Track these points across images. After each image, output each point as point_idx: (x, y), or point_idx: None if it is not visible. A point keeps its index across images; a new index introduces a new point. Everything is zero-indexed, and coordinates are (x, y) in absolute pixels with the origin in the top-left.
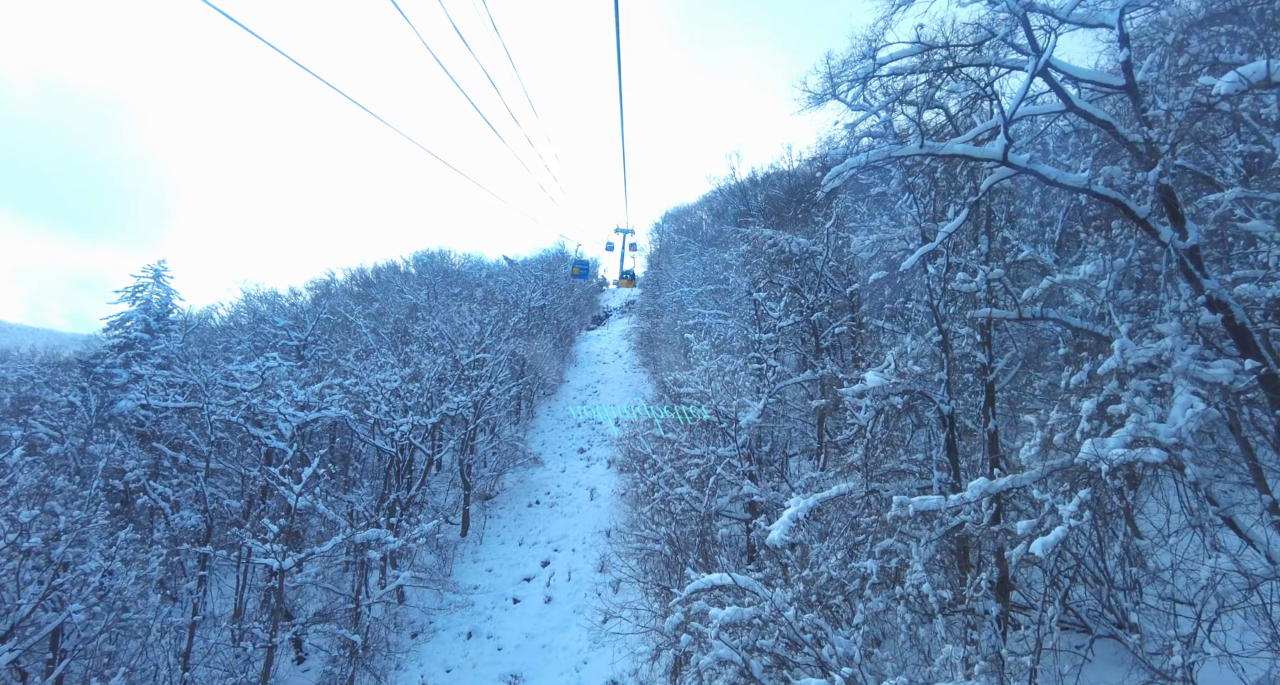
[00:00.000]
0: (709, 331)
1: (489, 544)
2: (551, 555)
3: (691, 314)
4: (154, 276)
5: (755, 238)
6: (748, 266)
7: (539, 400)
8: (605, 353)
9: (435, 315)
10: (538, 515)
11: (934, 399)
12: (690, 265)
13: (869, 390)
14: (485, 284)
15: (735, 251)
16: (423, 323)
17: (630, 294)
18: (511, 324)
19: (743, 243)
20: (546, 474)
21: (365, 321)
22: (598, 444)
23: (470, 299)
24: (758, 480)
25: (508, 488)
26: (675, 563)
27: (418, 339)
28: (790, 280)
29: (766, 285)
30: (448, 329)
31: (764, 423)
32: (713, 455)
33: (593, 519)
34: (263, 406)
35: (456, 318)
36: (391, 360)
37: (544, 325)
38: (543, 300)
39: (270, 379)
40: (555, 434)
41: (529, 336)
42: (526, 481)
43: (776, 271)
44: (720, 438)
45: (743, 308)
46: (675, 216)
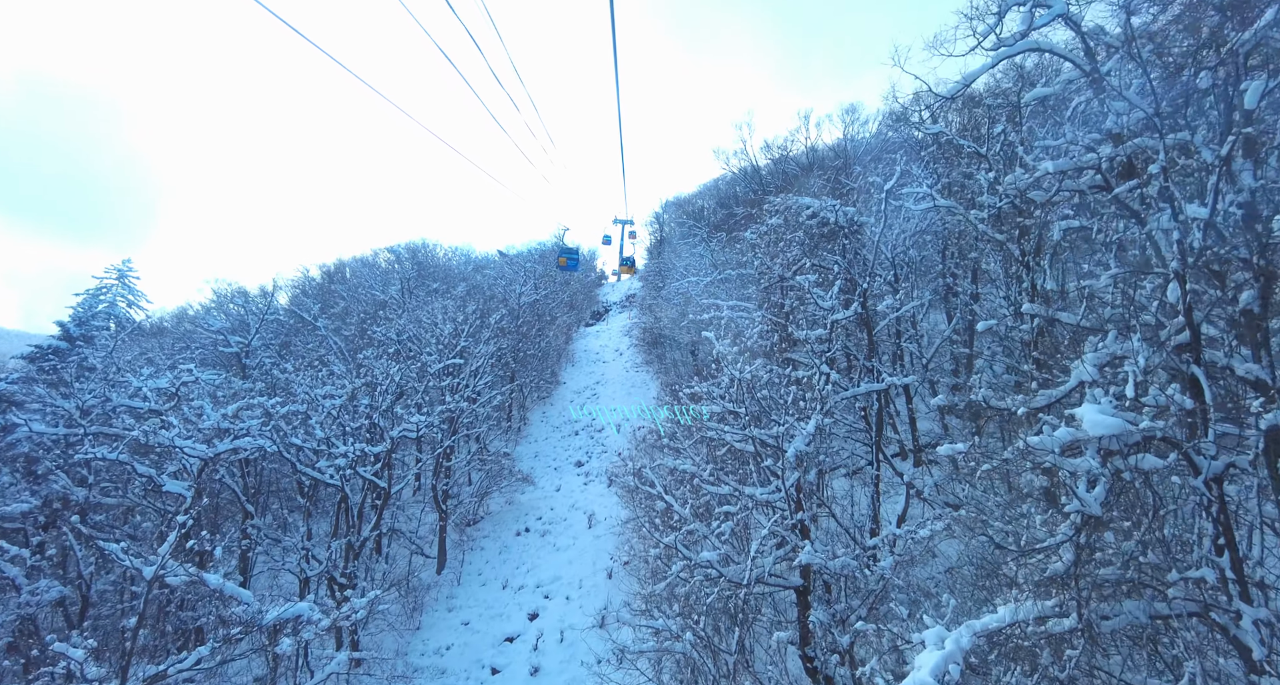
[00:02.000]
0: (728, 327)
1: (468, 585)
2: (541, 604)
3: (704, 306)
4: (118, 277)
5: (788, 208)
6: (781, 244)
7: (532, 405)
8: (605, 350)
9: (403, 314)
10: (526, 547)
11: (1194, 452)
12: (697, 251)
13: (1091, 440)
14: (471, 278)
15: (758, 228)
16: (388, 323)
17: (631, 287)
18: (493, 322)
19: (770, 215)
20: (538, 494)
21: (327, 322)
22: (597, 455)
23: (448, 294)
24: (810, 533)
25: (493, 512)
26: (705, 670)
27: (379, 342)
28: (839, 260)
29: (807, 267)
30: (415, 330)
31: (814, 450)
32: (749, 499)
33: (591, 553)
34: (154, 436)
35: (426, 316)
36: (339, 369)
37: (537, 322)
38: (535, 295)
39: (186, 396)
40: (550, 444)
41: (520, 335)
42: (515, 503)
43: (819, 249)
44: (755, 471)
45: (772, 297)
46: (677, 204)
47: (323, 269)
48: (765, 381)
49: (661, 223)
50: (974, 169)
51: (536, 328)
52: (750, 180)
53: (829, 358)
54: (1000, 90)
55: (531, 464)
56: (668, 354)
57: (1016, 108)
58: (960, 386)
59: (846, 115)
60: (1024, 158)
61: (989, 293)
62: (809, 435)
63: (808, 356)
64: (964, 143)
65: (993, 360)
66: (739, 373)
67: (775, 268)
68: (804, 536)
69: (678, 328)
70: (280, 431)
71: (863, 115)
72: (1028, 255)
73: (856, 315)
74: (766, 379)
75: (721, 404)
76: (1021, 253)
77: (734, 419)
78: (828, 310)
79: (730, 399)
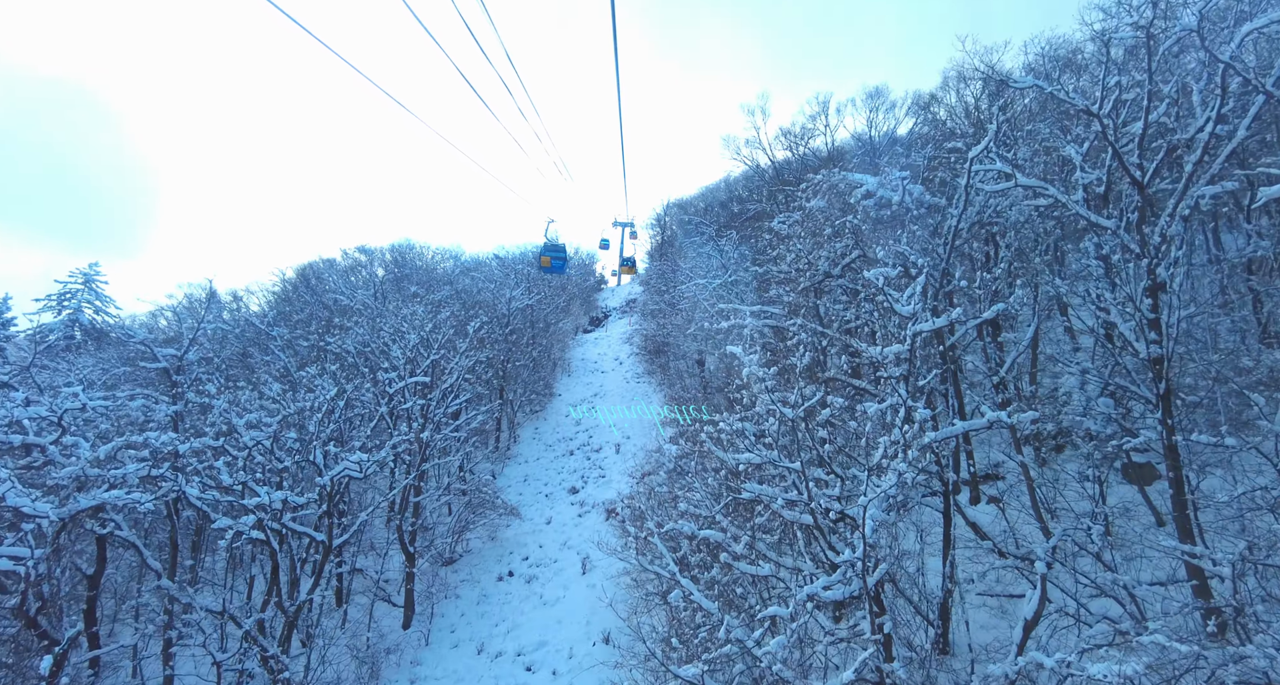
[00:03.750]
0: (750, 339)
1: (438, 647)
2: (524, 680)
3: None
4: (84, 281)
5: (834, 187)
6: (829, 232)
7: (523, 420)
8: (604, 359)
9: (363, 323)
10: (509, 596)
11: None
12: (704, 251)
13: None
14: (458, 281)
15: (789, 217)
16: (343, 332)
17: (631, 291)
18: (472, 331)
19: (810, 195)
20: (526, 528)
21: (284, 331)
22: (594, 481)
23: (427, 299)
24: (892, 649)
25: (473, 549)
26: None
27: (335, 356)
28: (907, 251)
29: (862, 262)
30: (376, 342)
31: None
32: (805, 598)
33: (585, 608)
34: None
35: (389, 324)
36: (274, 391)
37: (530, 329)
38: (528, 300)
39: (70, 425)
40: (541, 466)
41: (510, 344)
42: (499, 539)
43: (880, 236)
44: (805, 539)
45: (812, 300)
46: (682, 205)
47: (298, 270)
48: (823, 420)
49: (663, 224)
50: (1060, 143)
51: (528, 336)
52: (762, 173)
53: (916, 384)
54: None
55: (520, 490)
56: (671, 364)
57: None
58: (1037, 403)
59: (870, 100)
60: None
61: (1075, 289)
62: (888, 496)
63: (897, 394)
64: (1071, 97)
65: (1085, 379)
66: (788, 409)
67: (819, 263)
68: (887, 653)
69: (683, 336)
70: (195, 472)
71: (889, 100)
72: (1149, 246)
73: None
74: (826, 416)
75: (760, 452)
76: (1142, 243)
77: (773, 469)
78: (909, 317)
79: (773, 444)
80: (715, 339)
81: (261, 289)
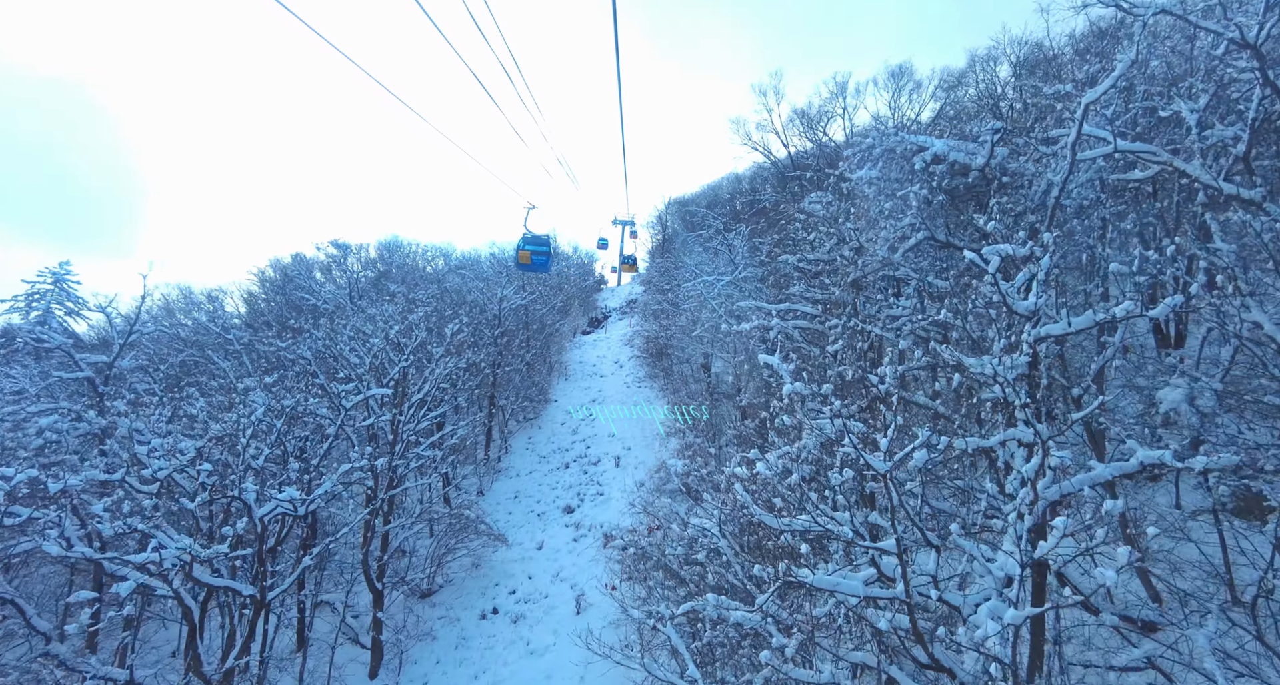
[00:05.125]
0: (777, 344)
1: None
2: None
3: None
4: (54, 281)
5: (891, 150)
6: (889, 206)
7: (516, 428)
8: (603, 362)
9: (323, 325)
10: (492, 641)
11: None
12: (712, 245)
13: None
14: (446, 279)
15: (821, 196)
16: (300, 338)
17: (632, 291)
18: (450, 333)
19: (858, 163)
20: (515, 554)
21: (241, 335)
22: (591, 499)
23: (408, 298)
24: None
25: (454, 579)
26: None
27: (290, 363)
28: (997, 224)
29: (931, 245)
30: (335, 348)
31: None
32: None
33: (579, 661)
34: None
35: (351, 328)
36: (198, 408)
37: (524, 330)
38: (521, 299)
39: None
40: (534, 481)
41: (500, 347)
42: (484, 566)
43: (957, 213)
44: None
45: (862, 296)
46: (683, 203)
47: (279, 266)
48: (916, 467)
49: (665, 223)
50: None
51: (522, 338)
52: (776, 162)
53: (1042, 411)
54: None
55: (509, 508)
56: (675, 367)
57: None
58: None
59: (893, 80)
60: None
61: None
62: (1007, 593)
63: (946, 404)
64: (1217, 26)
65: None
66: (877, 460)
67: (876, 247)
68: None
69: (688, 338)
70: (82, 513)
71: (914, 79)
72: None
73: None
74: (921, 461)
75: (828, 516)
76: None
77: (835, 542)
78: (1026, 316)
79: (844, 503)
80: (724, 342)
81: (239, 288)
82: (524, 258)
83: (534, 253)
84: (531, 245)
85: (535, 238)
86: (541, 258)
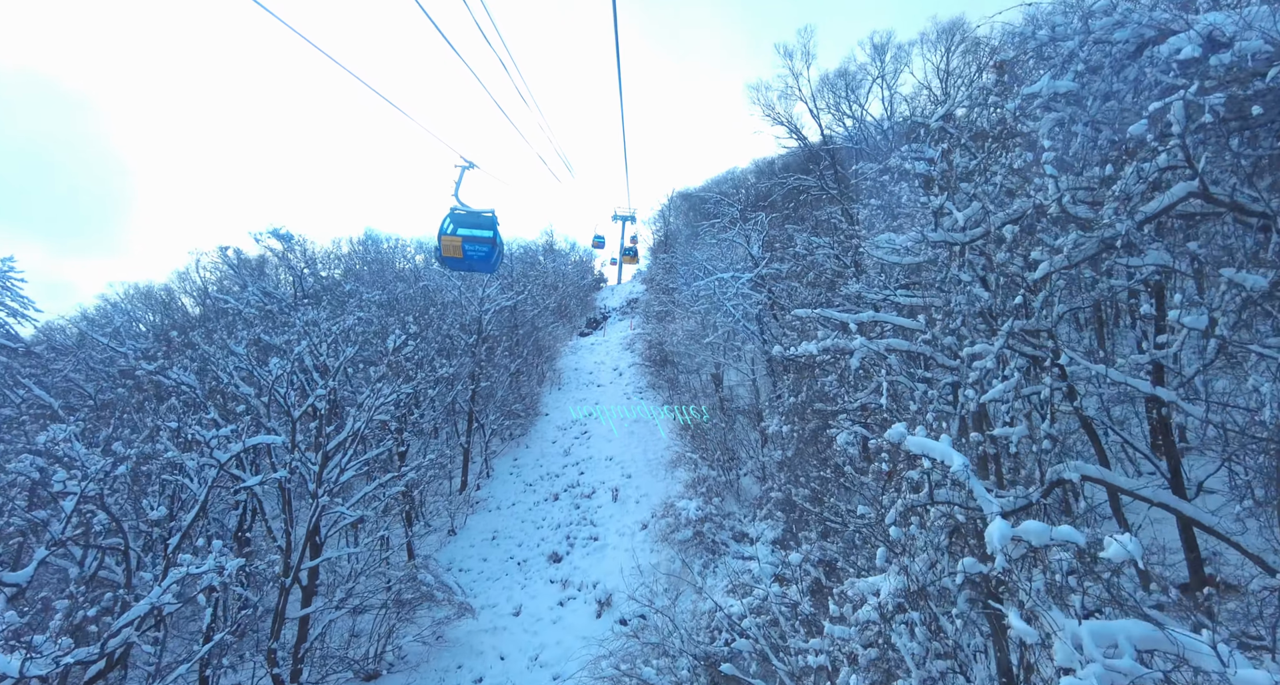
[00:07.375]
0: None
1: None
2: None
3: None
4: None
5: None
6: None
7: (500, 448)
8: (601, 369)
9: (213, 342)
10: None
11: None
12: (727, 238)
13: None
14: (423, 276)
15: (902, 160)
16: (176, 358)
17: (633, 290)
18: (392, 346)
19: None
20: (485, 623)
21: (136, 344)
22: (582, 545)
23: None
24: None
25: (408, 656)
26: None
27: (168, 393)
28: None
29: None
30: (249, 369)
31: None
32: None
33: None
34: None
35: (241, 343)
36: (77, 452)
37: (510, 335)
38: (507, 299)
39: None
40: (516, 516)
41: (479, 359)
42: (447, 639)
43: None
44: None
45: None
46: (686, 196)
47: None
48: None
49: (667, 218)
50: None
51: (507, 344)
52: (805, 141)
53: None
54: None
55: (485, 554)
56: (681, 378)
57: None
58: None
59: (944, 37)
60: None
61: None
62: None
63: None
64: None
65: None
66: None
67: (990, 228)
68: None
69: (697, 346)
70: None
71: (971, 35)
72: None
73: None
74: None
75: None
76: None
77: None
78: None
79: None
80: (739, 351)
81: (195, 289)
82: (450, 249)
83: (467, 241)
84: (464, 228)
85: (469, 216)
86: (481, 250)
